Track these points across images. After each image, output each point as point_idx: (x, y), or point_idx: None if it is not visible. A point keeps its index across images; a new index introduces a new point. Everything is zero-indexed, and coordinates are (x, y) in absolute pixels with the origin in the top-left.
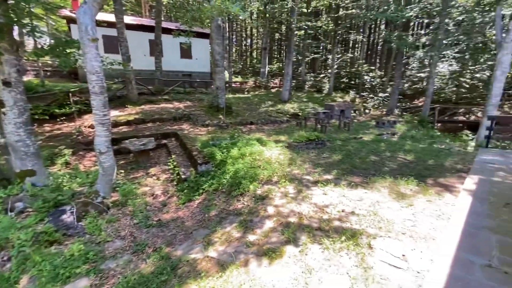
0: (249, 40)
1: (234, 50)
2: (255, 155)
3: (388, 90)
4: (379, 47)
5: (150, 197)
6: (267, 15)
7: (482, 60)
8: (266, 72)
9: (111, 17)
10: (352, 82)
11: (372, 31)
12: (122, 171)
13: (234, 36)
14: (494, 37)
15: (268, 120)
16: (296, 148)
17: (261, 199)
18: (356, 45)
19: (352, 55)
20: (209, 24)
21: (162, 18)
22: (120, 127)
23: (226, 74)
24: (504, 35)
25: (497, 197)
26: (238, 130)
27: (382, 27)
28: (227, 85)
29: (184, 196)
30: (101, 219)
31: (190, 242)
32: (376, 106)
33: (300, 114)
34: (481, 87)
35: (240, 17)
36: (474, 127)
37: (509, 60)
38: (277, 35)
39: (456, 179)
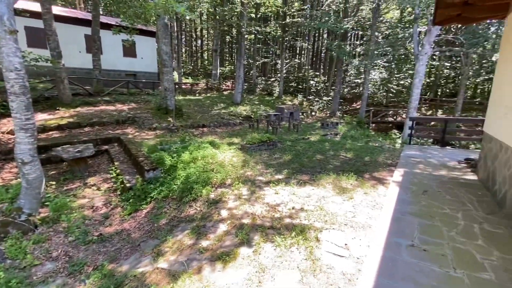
0: (199, 41)
1: (184, 50)
2: (207, 159)
3: (331, 94)
4: (322, 55)
5: (89, 210)
6: (217, 17)
7: (404, 69)
8: (218, 74)
9: (36, 6)
10: (300, 86)
11: (316, 39)
12: (53, 182)
13: (183, 36)
14: (412, 50)
15: (221, 123)
16: (249, 150)
17: (214, 203)
18: (303, 52)
19: (299, 61)
20: (155, 22)
21: (101, 12)
22: (50, 133)
23: (176, 75)
24: (420, 48)
25: (418, 186)
26: (189, 133)
27: (325, 36)
28: (176, 86)
29: (130, 206)
30: (26, 240)
31: (138, 255)
32: (321, 108)
33: (252, 116)
34: (404, 92)
35: (187, 17)
36: (400, 126)
37: (424, 70)
38: (228, 38)
39: (387, 172)
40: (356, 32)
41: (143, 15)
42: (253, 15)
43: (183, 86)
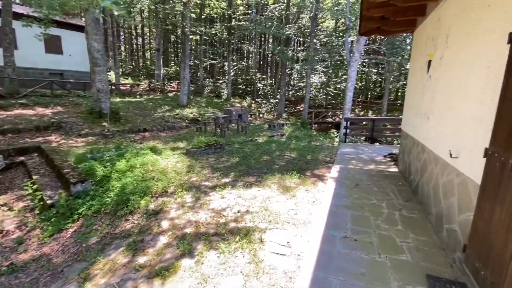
0: (140, 39)
1: (123, 48)
2: (147, 166)
3: (278, 96)
4: (269, 58)
5: None
6: (159, 15)
7: (340, 74)
8: (162, 74)
9: None
10: (248, 88)
11: (263, 44)
12: None
13: (122, 33)
14: (345, 57)
15: (165, 126)
16: (195, 154)
17: (154, 214)
18: (250, 55)
19: (246, 64)
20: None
21: (17, 1)
22: None
23: (112, 74)
24: (351, 56)
25: (351, 180)
26: (127, 139)
27: (271, 40)
28: (113, 87)
29: (52, 227)
30: None
31: (60, 283)
32: (268, 110)
33: (200, 119)
34: (341, 95)
35: (116, 13)
36: (338, 126)
37: (356, 75)
38: (173, 37)
39: (326, 169)
40: (298, 39)
41: (62, 6)
42: (193, 15)
43: (122, 87)
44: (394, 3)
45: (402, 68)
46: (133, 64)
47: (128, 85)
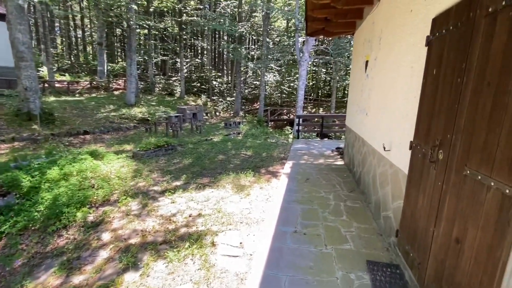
0: (80, 32)
1: (59, 41)
2: (86, 173)
3: (234, 95)
4: (224, 56)
5: None
6: (101, 5)
7: (293, 73)
8: (106, 71)
9: None
10: (203, 86)
11: (217, 40)
12: None
13: (57, 24)
14: (296, 56)
15: (110, 128)
16: (143, 157)
17: (94, 227)
18: (204, 52)
19: (200, 61)
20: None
21: None
22: None
23: (45, 70)
24: (301, 55)
25: (302, 175)
26: (63, 143)
27: (226, 38)
28: (46, 85)
29: None
30: None
31: None
32: (225, 109)
33: (150, 118)
34: (295, 93)
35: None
36: (292, 123)
37: (306, 74)
38: (119, 31)
39: (280, 165)
40: (252, 37)
41: None
42: (135, 7)
43: (57, 85)
44: (334, 6)
45: (348, 68)
46: (72, 59)
47: (65, 83)
